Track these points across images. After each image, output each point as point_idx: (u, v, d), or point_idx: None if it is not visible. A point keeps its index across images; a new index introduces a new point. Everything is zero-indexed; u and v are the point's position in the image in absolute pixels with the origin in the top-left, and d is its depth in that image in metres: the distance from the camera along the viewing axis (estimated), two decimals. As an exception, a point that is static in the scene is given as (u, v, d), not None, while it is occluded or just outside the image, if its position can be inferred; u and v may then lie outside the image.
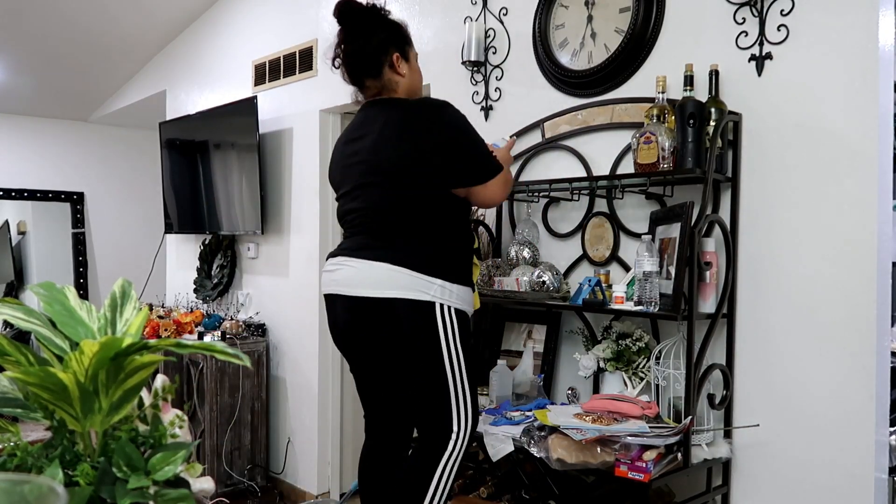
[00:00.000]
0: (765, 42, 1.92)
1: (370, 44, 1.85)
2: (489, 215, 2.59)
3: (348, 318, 1.88)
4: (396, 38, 1.89)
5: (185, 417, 0.84)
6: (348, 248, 1.88)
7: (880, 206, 1.74)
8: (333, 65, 1.93)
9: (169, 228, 4.28)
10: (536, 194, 2.38)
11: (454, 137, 1.84)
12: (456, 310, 1.82)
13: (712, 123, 1.88)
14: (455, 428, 1.82)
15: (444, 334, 1.80)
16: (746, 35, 1.95)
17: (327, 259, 1.96)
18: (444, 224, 1.87)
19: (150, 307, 3.71)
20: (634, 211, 2.21)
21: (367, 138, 1.87)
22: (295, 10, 3.53)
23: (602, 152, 2.27)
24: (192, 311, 3.77)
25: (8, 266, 5.30)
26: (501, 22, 2.59)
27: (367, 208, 1.85)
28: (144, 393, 0.83)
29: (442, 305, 1.79)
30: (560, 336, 2.36)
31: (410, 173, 1.82)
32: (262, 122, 3.58)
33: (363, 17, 1.87)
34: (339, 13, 1.87)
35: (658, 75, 2.01)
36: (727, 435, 1.96)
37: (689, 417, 1.78)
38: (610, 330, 2.17)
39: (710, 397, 1.89)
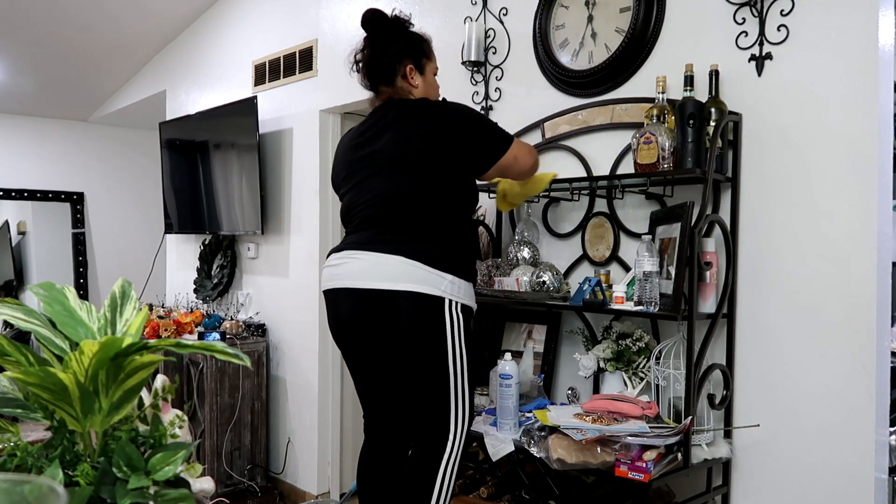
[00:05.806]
0: (765, 42, 1.92)
1: (387, 53, 1.94)
2: (489, 215, 2.59)
3: (353, 311, 1.86)
4: (413, 51, 1.97)
5: (185, 417, 0.84)
6: (355, 242, 1.87)
7: (880, 206, 1.74)
8: (353, 69, 2.00)
9: (169, 228, 4.28)
10: (536, 194, 2.38)
11: (466, 122, 1.91)
12: (462, 306, 1.84)
13: (712, 123, 1.88)
14: (452, 427, 1.82)
15: (451, 331, 1.81)
16: (746, 35, 1.95)
17: (329, 255, 1.95)
18: (453, 219, 1.89)
19: (150, 307, 3.71)
20: (634, 211, 2.21)
21: (379, 132, 1.92)
22: (295, 10, 3.53)
23: (602, 152, 2.27)
24: (192, 311, 3.77)
25: (8, 266, 5.30)
26: (501, 22, 2.59)
27: (378, 200, 1.86)
28: (144, 393, 0.83)
29: (451, 301, 1.81)
30: (560, 336, 2.36)
31: (424, 162, 1.85)
32: (262, 122, 3.58)
33: (385, 28, 1.96)
34: (364, 21, 1.97)
35: (658, 75, 2.01)
36: (727, 435, 1.96)
37: (689, 417, 1.78)
38: (610, 330, 2.17)
39: (710, 397, 1.89)
